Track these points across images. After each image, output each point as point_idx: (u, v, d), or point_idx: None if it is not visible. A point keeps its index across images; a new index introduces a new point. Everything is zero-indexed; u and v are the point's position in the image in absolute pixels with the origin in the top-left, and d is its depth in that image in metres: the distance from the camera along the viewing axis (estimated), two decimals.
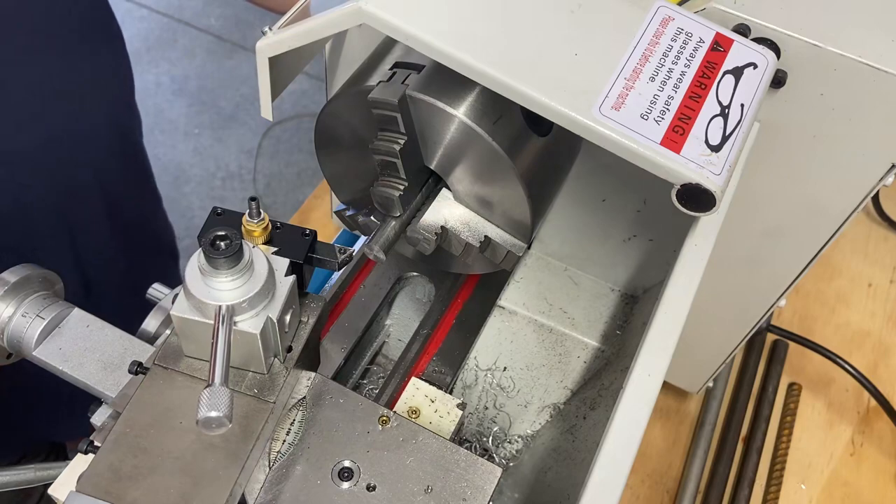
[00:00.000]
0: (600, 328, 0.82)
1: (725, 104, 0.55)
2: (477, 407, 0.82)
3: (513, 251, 0.65)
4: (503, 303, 0.81)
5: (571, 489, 0.66)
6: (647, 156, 0.52)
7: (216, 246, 0.48)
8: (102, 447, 0.50)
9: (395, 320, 0.85)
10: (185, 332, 0.52)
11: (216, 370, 0.46)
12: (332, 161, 0.69)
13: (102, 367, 0.60)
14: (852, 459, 1.03)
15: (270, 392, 0.54)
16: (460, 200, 0.65)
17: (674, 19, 0.58)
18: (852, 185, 0.68)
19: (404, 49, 0.62)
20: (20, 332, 0.60)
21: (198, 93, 2.67)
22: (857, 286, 1.20)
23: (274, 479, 0.56)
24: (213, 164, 2.49)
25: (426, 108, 0.58)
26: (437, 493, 0.54)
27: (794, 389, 1.08)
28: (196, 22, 2.90)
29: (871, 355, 1.13)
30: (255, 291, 0.50)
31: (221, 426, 0.44)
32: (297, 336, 0.57)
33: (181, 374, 0.54)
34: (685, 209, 0.53)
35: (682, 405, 1.06)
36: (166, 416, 0.52)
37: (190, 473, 0.50)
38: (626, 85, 0.54)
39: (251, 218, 0.56)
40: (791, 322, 1.15)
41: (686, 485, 0.99)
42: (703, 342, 0.91)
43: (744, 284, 0.82)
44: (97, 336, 0.61)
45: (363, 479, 0.55)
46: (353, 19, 0.54)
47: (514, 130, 0.60)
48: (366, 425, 0.57)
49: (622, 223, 0.79)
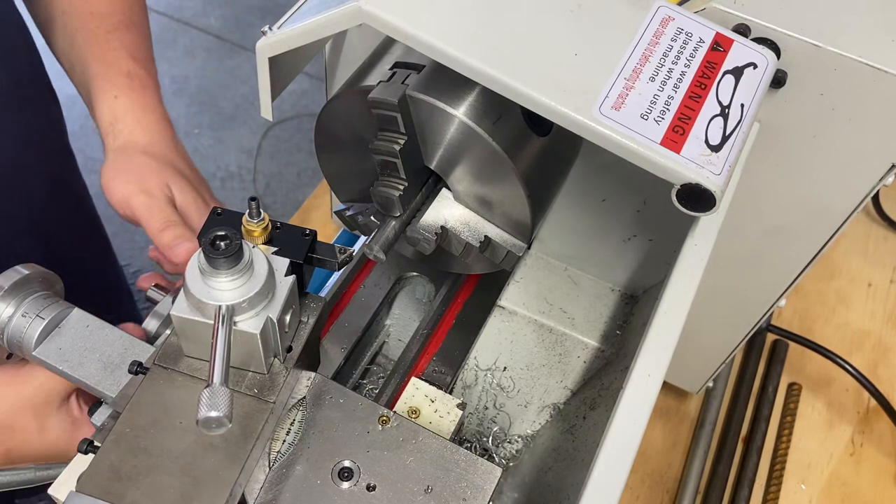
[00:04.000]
0: (600, 328, 0.82)
1: (725, 104, 0.55)
2: (477, 407, 0.82)
3: (513, 251, 0.65)
4: (503, 303, 0.81)
5: (571, 489, 0.66)
6: (647, 156, 0.52)
7: (216, 246, 0.48)
8: (102, 447, 0.50)
9: (395, 320, 0.85)
10: (185, 333, 0.52)
11: (216, 370, 0.46)
12: (332, 161, 0.69)
13: (102, 366, 0.60)
14: (852, 459, 1.03)
15: (270, 392, 0.54)
16: (460, 200, 0.65)
17: (674, 19, 0.58)
18: (852, 185, 0.68)
19: (404, 49, 0.62)
20: (20, 332, 0.60)
21: (198, 93, 2.67)
22: (857, 286, 1.20)
23: (274, 479, 0.56)
24: (213, 165, 2.49)
25: (426, 108, 0.58)
26: (437, 493, 0.54)
27: (794, 389, 1.08)
28: (196, 22, 2.90)
29: (871, 355, 1.13)
30: (255, 291, 0.50)
31: (221, 426, 0.44)
32: (297, 336, 0.57)
33: (181, 374, 0.54)
34: (685, 209, 0.53)
35: (682, 405, 1.06)
36: (166, 416, 0.52)
37: (190, 473, 0.50)
38: (626, 85, 0.54)
39: (251, 218, 0.56)
40: (791, 322, 1.15)
41: (686, 485, 0.99)
42: (703, 342, 0.91)
43: (744, 284, 0.82)
44: (97, 336, 0.61)
45: (363, 479, 0.55)
46: (353, 19, 0.54)
47: (514, 130, 0.60)
48: (366, 425, 0.57)
49: (622, 223, 0.79)
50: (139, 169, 0.75)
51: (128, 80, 0.81)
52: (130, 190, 0.72)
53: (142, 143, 0.78)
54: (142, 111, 0.80)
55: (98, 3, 0.85)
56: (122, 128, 0.79)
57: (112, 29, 0.84)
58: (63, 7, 0.85)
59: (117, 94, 0.79)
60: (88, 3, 0.85)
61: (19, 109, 0.90)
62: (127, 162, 0.76)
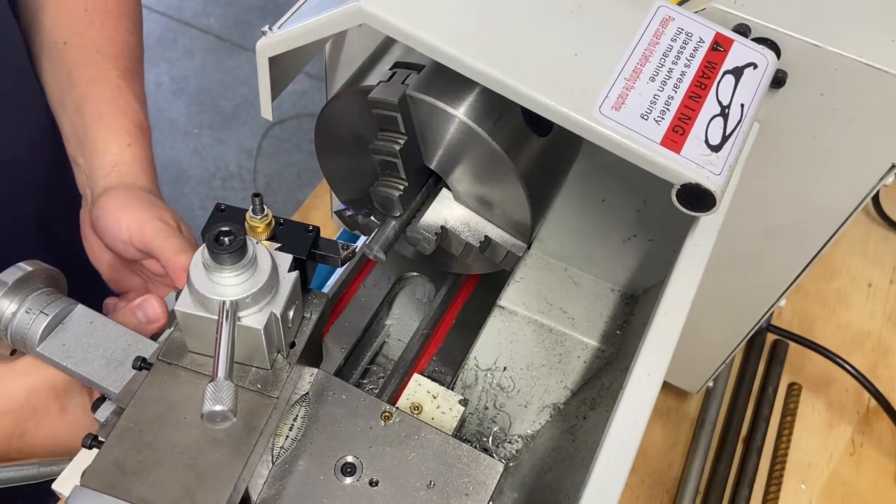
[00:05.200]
0: (600, 328, 0.82)
1: (725, 104, 0.55)
2: (477, 407, 0.82)
3: (513, 251, 0.66)
4: (503, 303, 0.81)
5: (571, 489, 0.66)
6: (647, 156, 0.52)
7: (220, 242, 0.49)
8: (107, 442, 0.51)
9: (395, 320, 0.86)
10: (189, 328, 0.53)
11: (220, 365, 0.46)
12: (332, 161, 0.69)
13: (106, 362, 0.60)
14: (852, 459, 1.04)
15: (274, 387, 0.54)
16: (460, 200, 0.65)
17: (674, 19, 0.58)
18: (852, 185, 0.68)
19: (404, 49, 0.62)
20: (24, 329, 0.60)
21: (197, 93, 2.67)
22: (857, 286, 1.20)
23: (277, 474, 0.56)
24: (213, 164, 2.49)
25: (426, 108, 0.58)
26: (439, 489, 0.55)
27: (794, 389, 1.08)
28: (196, 22, 2.90)
29: (871, 355, 1.13)
30: (258, 287, 0.50)
31: (226, 420, 0.45)
32: (300, 332, 0.57)
33: (185, 369, 0.54)
34: (685, 209, 0.53)
35: (682, 405, 1.07)
36: (170, 411, 0.52)
37: (194, 468, 0.50)
38: (626, 85, 0.54)
39: (255, 214, 0.56)
40: (791, 322, 1.15)
41: (686, 485, 0.99)
42: (703, 342, 0.91)
43: (744, 284, 0.82)
44: (101, 332, 0.62)
45: (366, 474, 0.55)
46: (353, 19, 0.54)
47: (514, 130, 0.60)
48: (368, 421, 0.57)
49: (622, 223, 0.79)
50: (150, 202, 0.75)
51: (140, 133, 0.82)
52: (145, 217, 0.72)
53: (147, 188, 0.79)
54: (148, 164, 0.81)
55: (105, 44, 0.85)
56: (126, 171, 0.78)
57: (122, 75, 0.84)
58: (66, 38, 0.85)
59: (130, 143, 0.80)
60: (95, 42, 0.85)
61: (21, 104, 0.90)
62: (135, 196, 0.75)
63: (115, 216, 0.73)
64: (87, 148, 0.80)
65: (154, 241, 0.70)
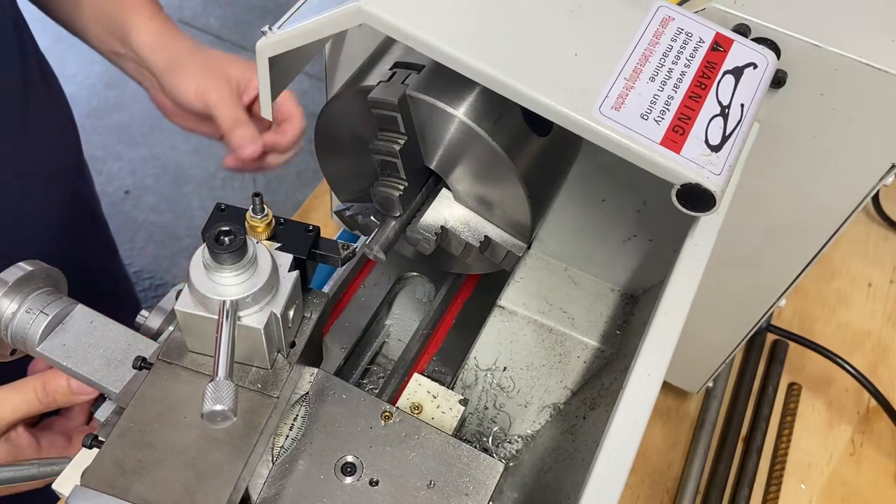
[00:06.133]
0: (600, 328, 0.82)
1: (725, 104, 0.55)
2: (477, 407, 0.82)
3: (513, 251, 0.66)
4: (503, 303, 0.81)
5: (571, 489, 0.66)
6: (647, 156, 0.52)
7: (220, 241, 0.49)
8: (107, 442, 0.51)
9: (395, 320, 0.86)
10: (189, 328, 0.53)
11: (220, 364, 0.46)
12: (332, 161, 0.69)
13: (106, 362, 0.60)
14: (852, 459, 1.04)
15: (274, 387, 0.54)
16: (460, 200, 0.65)
17: (674, 19, 0.58)
18: (852, 185, 0.68)
19: (404, 49, 0.62)
20: (24, 328, 0.60)
21: None
22: (857, 286, 1.20)
23: (277, 474, 0.56)
24: (213, 164, 2.49)
25: (426, 108, 0.58)
26: (439, 488, 0.55)
27: (794, 389, 1.08)
28: (196, 22, 2.90)
29: (871, 355, 1.13)
30: (258, 287, 0.51)
31: (226, 419, 0.45)
32: (300, 332, 0.57)
33: (185, 369, 0.54)
34: (685, 209, 0.53)
35: (682, 405, 1.07)
36: (170, 410, 0.52)
37: (194, 468, 0.50)
38: (626, 85, 0.54)
39: (255, 214, 0.56)
40: (791, 322, 1.15)
41: (686, 485, 0.99)
42: (703, 342, 0.91)
43: (744, 284, 0.82)
44: (101, 332, 0.62)
45: (366, 474, 0.55)
46: (353, 19, 0.54)
47: (514, 130, 0.60)
48: (368, 421, 0.57)
49: (622, 223, 0.79)
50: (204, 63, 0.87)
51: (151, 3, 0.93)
52: (208, 85, 0.85)
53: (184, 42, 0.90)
54: (171, 24, 0.93)
55: None
56: (167, 39, 0.90)
57: None
58: None
59: (150, 17, 0.91)
60: None
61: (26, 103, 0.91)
62: (190, 59, 0.88)
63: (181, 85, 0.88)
64: (125, 41, 0.91)
65: (215, 109, 0.86)
